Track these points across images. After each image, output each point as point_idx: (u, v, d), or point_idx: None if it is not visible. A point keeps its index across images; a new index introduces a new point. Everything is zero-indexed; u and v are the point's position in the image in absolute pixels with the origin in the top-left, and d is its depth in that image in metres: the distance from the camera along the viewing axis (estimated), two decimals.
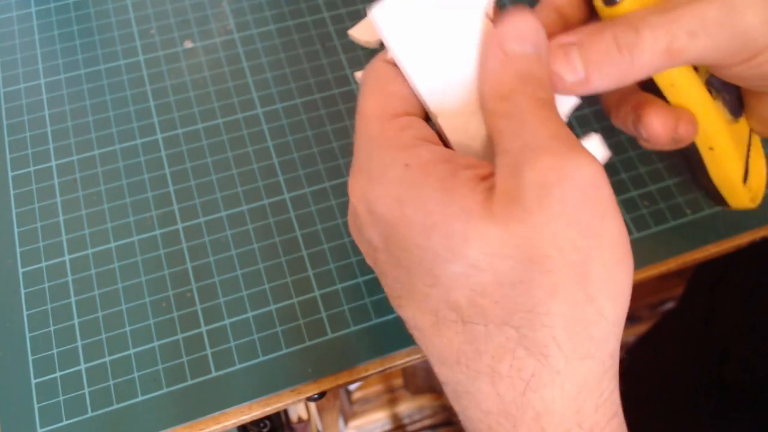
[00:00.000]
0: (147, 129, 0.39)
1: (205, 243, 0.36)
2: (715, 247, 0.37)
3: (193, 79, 0.41)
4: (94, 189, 0.37)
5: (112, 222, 0.36)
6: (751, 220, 0.38)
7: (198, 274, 0.35)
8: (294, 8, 0.44)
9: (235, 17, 0.43)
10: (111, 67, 0.41)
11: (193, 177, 0.38)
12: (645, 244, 0.37)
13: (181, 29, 0.43)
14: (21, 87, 0.40)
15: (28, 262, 0.35)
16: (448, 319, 0.21)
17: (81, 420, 0.31)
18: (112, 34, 0.42)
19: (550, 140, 0.21)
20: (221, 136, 0.39)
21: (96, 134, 0.39)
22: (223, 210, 0.37)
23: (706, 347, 0.51)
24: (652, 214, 0.38)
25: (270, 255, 0.36)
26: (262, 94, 0.40)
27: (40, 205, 0.36)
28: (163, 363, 0.33)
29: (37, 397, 0.32)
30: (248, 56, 0.42)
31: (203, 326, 0.34)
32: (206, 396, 0.32)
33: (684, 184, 0.39)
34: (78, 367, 0.32)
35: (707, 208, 0.38)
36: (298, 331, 0.34)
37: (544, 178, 0.20)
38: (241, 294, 0.34)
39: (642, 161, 0.39)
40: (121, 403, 0.32)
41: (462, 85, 0.25)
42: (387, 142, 0.23)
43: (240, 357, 0.33)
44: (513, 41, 0.23)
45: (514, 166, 0.21)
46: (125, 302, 0.34)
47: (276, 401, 0.32)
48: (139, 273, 0.35)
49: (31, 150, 0.38)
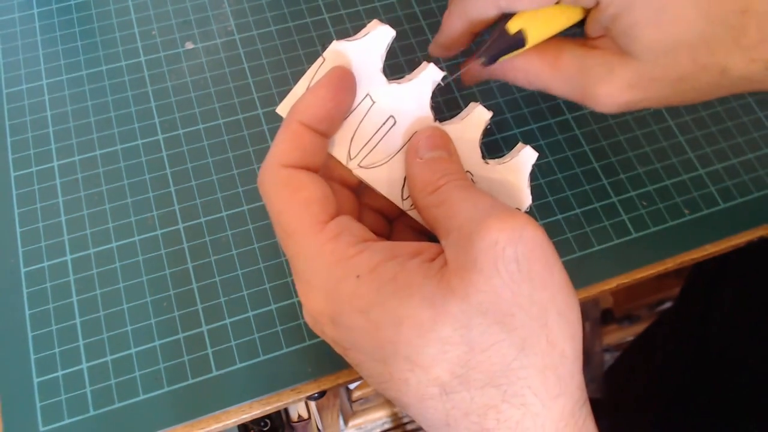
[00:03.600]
0: (148, 129, 0.39)
1: (206, 243, 0.36)
2: (712, 247, 0.38)
3: (194, 80, 0.41)
4: (96, 189, 0.37)
5: (113, 222, 0.36)
6: (748, 220, 0.38)
7: (199, 274, 0.35)
8: (294, 10, 0.44)
9: (235, 18, 0.44)
10: (113, 68, 0.41)
11: (194, 177, 0.38)
12: (643, 244, 0.37)
13: (182, 30, 0.43)
14: (23, 88, 0.40)
15: (30, 262, 0.35)
16: (431, 394, 0.22)
17: (83, 419, 0.31)
18: (113, 36, 0.42)
19: (491, 209, 0.23)
20: (222, 137, 0.39)
21: (97, 135, 0.39)
22: (224, 210, 0.37)
23: (704, 347, 0.51)
24: (651, 214, 0.38)
25: (270, 255, 0.36)
26: (262, 95, 0.41)
27: (42, 205, 0.36)
28: (164, 362, 0.33)
29: (39, 396, 0.32)
30: (249, 57, 0.42)
31: (204, 326, 0.34)
32: (207, 395, 0.32)
33: (682, 185, 0.39)
34: (80, 366, 0.33)
35: (705, 208, 0.38)
36: (299, 330, 0.34)
37: (495, 241, 0.22)
38: (242, 293, 0.35)
39: (640, 162, 0.40)
40: (123, 402, 0.32)
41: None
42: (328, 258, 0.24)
43: (240, 356, 0.33)
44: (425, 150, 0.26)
45: (463, 239, 0.22)
46: (126, 302, 0.34)
47: (276, 400, 0.33)
48: (140, 273, 0.35)
49: (33, 150, 0.38)
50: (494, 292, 0.21)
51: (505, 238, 0.22)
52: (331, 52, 0.27)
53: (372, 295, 0.22)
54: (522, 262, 0.22)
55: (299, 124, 0.25)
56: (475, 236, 0.22)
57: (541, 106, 0.41)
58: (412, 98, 0.27)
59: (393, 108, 0.27)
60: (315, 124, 0.26)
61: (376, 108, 0.27)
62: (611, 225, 0.38)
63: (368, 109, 0.27)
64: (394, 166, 0.28)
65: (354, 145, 0.27)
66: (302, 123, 0.25)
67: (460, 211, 0.24)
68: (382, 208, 0.29)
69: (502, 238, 0.22)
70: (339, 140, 0.27)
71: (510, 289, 0.21)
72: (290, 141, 0.25)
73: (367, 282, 0.23)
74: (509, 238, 0.22)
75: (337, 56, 0.26)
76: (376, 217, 0.29)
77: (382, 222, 0.30)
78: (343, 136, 0.27)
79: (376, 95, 0.27)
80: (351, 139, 0.27)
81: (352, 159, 0.27)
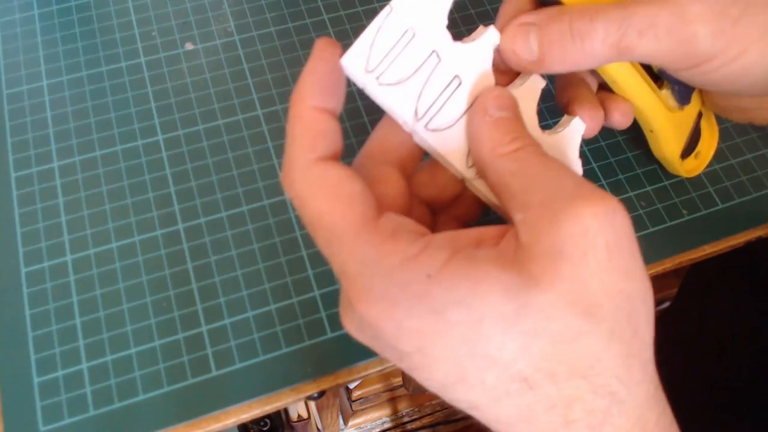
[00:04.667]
0: (148, 130, 0.39)
1: (206, 243, 0.36)
2: (711, 247, 0.38)
3: (193, 80, 0.41)
4: (96, 190, 0.37)
5: (113, 222, 0.36)
6: (746, 221, 0.38)
7: (199, 274, 0.35)
8: (294, 11, 0.44)
9: (235, 19, 0.44)
10: (113, 69, 0.41)
11: (194, 178, 0.38)
12: (642, 244, 0.36)
13: (182, 31, 0.43)
14: (24, 89, 0.40)
15: (30, 262, 0.35)
16: (511, 390, 0.20)
17: (83, 418, 0.32)
18: (113, 37, 0.42)
19: (578, 188, 0.21)
20: (222, 137, 0.39)
21: (98, 135, 0.39)
22: (223, 210, 0.37)
23: (701, 347, 0.51)
24: (649, 214, 0.38)
25: (270, 255, 0.36)
26: (262, 96, 0.41)
27: (42, 206, 0.37)
28: (164, 362, 0.33)
29: (39, 396, 0.32)
30: (249, 58, 0.42)
31: (204, 326, 0.34)
32: (207, 395, 0.32)
33: (680, 185, 0.39)
34: (80, 366, 0.33)
35: (704, 208, 0.39)
36: (298, 330, 0.34)
37: (586, 227, 0.20)
38: (242, 294, 0.35)
39: (639, 162, 0.40)
40: (123, 401, 0.32)
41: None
42: (391, 259, 0.21)
43: (240, 356, 0.33)
44: (495, 109, 0.24)
45: (545, 220, 0.21)
46: (126, 302, 0.34)
47: (276, 400, 0.33)
48: (140, 273, 0.35)
49: (34, 151, 0.38)
50: (582, 282, 0.20)
51: (597, 225, 0.20)
52: (398, 1, 0.24)
53: (447, 293, 0.20)
54: (612, 251, 0.20)
55: (313, 110, 0.23)
56: (562, 220, 0.20)
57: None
58: (475, 60, 0.25)
59: (459, 68, 0.25)
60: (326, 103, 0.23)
61: (442, 67, 0.25)
62: None
63: (434, 67, 0.25)
64: (460, 130, 0.26)
65: (421, 104, 0.25)
66: (315, 108, 0.23)
67: (541, 184, 0.22)
68: (431, 197, 0.27)
69: (594, 226, 0.20)
70: (403, 98, 0.25)
71: (599, 279, 0.20)
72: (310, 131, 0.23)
73: (439, 281, 0.21)
74: (601, 226, 0.20)
75: (406, 5, 0.24)
76: (423, 210, 0.27)
77: (428, 215, 0.27)
78: (409, 94, 0.25)
79: (443, 53, 0.25)
80: (418, 98, 0.25)
81: (420, 120, 0.25)
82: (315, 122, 0.23)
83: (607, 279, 0.20)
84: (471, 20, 0.44)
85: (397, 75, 0.24)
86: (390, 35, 0.24)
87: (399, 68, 0.24)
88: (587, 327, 0.20)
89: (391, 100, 0.24)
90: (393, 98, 0.24)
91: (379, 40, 0.24)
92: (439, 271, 0.21)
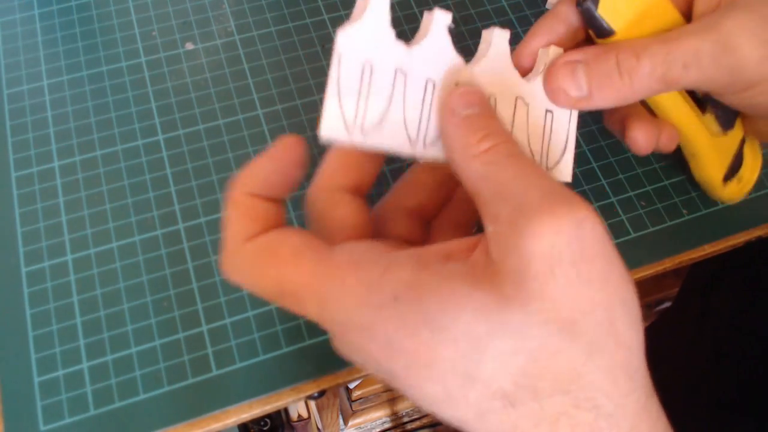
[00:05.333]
0: (148, 130, 0.39)
1: (206, 243, 0.36)
2: (711, 247, 0.38)
3: (194, 80, 0.41)
4: (96, 189, 0.37)
5: (114, 222, 0.36)
6: (746, 221, 0.38)
7: (199, 274, 0.35)
8: (294, 11, 0.44)
9: (235, 19, 0.44)
10: (113, 69, 0.41)
11: (194, 177, 0.38)
12: (642, 243, 0.37)
13: (182, 31, 0.43)
14: (24, 88, 0.40)
15: (30, 262, 0.35)
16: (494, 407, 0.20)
17: (83, 418, 0.32)
18: (114, 36, 0.42)
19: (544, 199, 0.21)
20: (222, 137, 0.39)
21: (98, 135, 0.39)
22: (224, 210, 0.37)
23: (701, 346, 0.51)
24: (649, 214, 0.38)
25: None
26: (262, 96, 0.41)
27: (42, 205, 0.37)
28: (164, 362, 0.33)
29: (39, 395, 0.32)
30: (249, 58, 0.42)
31: (204, 325, 0.34)
32: (207, 394, 0.32)
33: (681, 185, 0.39)
34: (80, 365, 0.33)
35: (704, 208, 0.39)
36: (298, 330, 0.34)
37: (551, 244, 0.20)
38: (242, 293, 0.35)
39: (639, 162, 0.40)
40: (123, 401, 0.32)
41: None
42: (357, 291, 0.22)
43: (240, 356, 0.33)
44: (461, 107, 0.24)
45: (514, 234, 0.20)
46: (127, 301, 0.34)
47: (276, 400, 0.33)
48: (140, 272, 0.35)
49: (34, 151, 0.38)
50: (552, 301, 0.20)
51: (562, 241, 0.20)
52: (342, 45, 0.24)
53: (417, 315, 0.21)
54: (581, 265, 0.20)
55: (247, 196, 0.24)
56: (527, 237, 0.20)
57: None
58: (436, 53, 0.25)
59: (426, 70, 0.25)
60: (265, 192, 0.24)
61: (411, 79, 0.25)
62: (610, 225, 0.38)
63: (404, 84, 0.25)
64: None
65: (410, 128, 0.25)
66: (251, 194, 0.24)
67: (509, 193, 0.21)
68: (417, 205, 0.27)
69: (559, 242, 0.20)
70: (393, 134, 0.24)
71: (570, 295, 0.20)
72: (244, 216, 0.24)
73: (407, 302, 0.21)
74: (567, 241, 0.20)
75: (351, 47, 0.24)
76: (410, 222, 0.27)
77: (418, 226, 0.27)
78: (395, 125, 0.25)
79: (405, 65, 0.24)
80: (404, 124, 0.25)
81: (417, 142, 0.25)
82: (249, 208, 0.24)
83: (579, 294, 0.20)
84: (471, 20, 0.44)
85: (377, 112, 0.24)
86: (351, 80, 0.24)
87: (375, 105, 0.24)
88: (564, 344, 0.20)
89: (384, 143, 0.24)
90: (384, 140, 0.24)
91: (344, 90, 0.24)
92: (404, 291, 0.21)
